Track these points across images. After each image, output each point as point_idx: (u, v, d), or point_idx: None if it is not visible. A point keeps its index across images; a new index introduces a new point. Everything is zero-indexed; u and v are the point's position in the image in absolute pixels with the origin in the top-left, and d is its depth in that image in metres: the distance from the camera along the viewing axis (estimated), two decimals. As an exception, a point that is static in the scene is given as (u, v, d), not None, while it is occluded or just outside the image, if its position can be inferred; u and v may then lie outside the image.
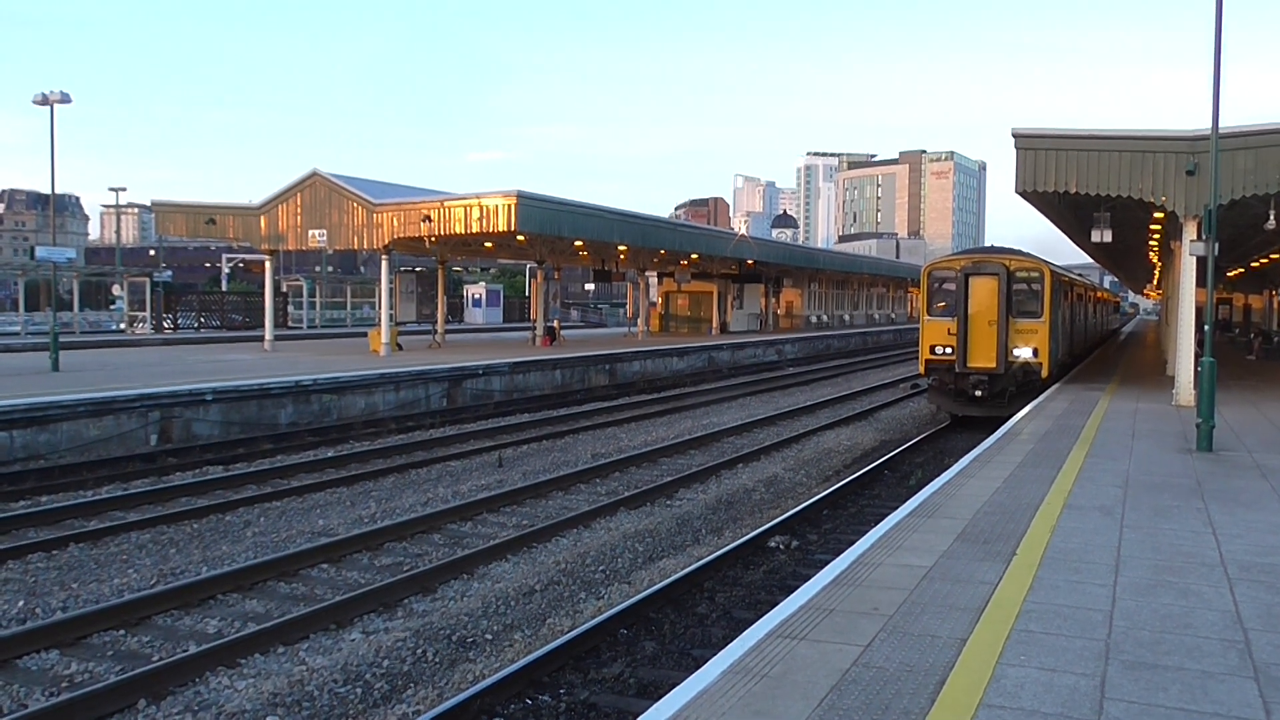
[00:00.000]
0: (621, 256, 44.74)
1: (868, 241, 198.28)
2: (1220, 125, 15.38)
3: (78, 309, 54.63)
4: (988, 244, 42.61)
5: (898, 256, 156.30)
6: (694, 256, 46.45)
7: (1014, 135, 20.01)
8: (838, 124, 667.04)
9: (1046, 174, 19.84)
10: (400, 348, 34.49)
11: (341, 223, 32.72)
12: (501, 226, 29.48)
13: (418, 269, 55.14)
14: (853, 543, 9.23)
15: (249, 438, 20.39)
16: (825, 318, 72.15)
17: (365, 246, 33.46)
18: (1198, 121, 17.65)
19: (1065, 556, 8.30)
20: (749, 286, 58.63)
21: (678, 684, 5.66)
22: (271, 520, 13.82)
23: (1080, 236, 32.73)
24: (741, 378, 37.85)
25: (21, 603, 10.10)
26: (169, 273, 63.43)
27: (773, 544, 12.63)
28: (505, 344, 40.83)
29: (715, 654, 6.16)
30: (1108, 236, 23.33)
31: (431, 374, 26.38)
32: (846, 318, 76.84)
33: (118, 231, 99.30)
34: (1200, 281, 19.18)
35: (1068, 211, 26.22)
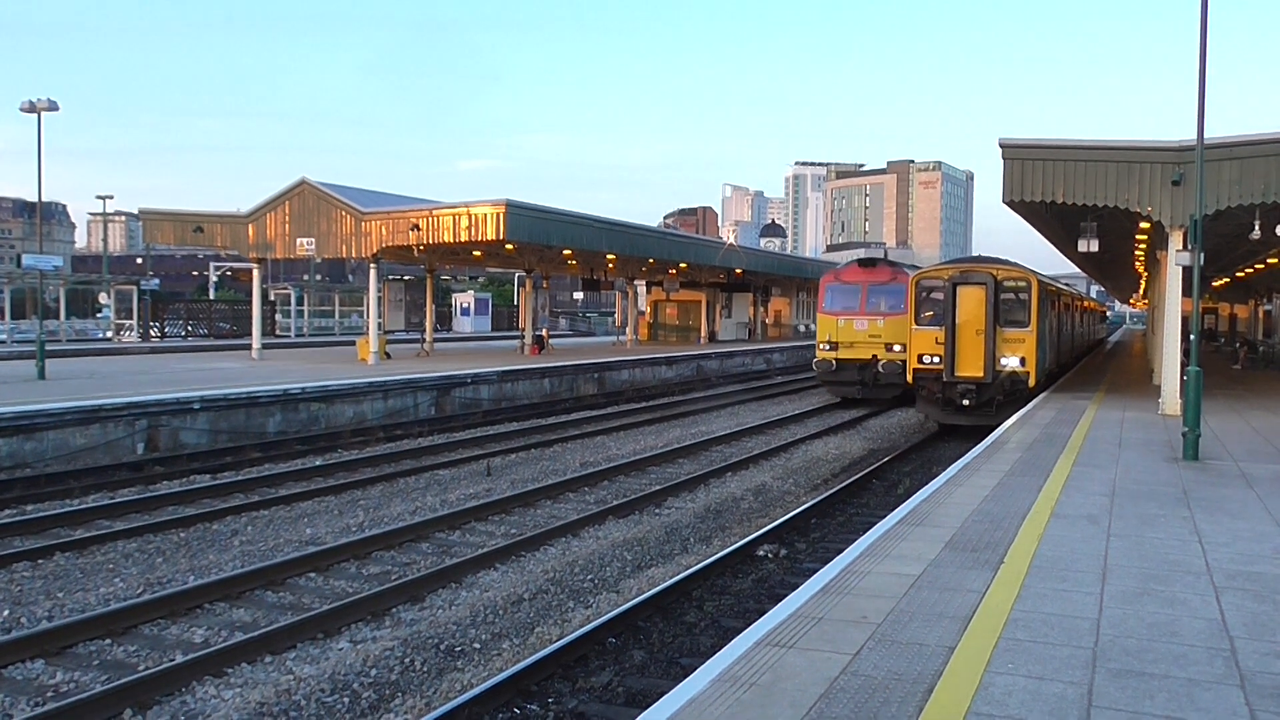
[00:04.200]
0: (610, 265, 44.75)
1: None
2: (1206, 136, 15.49)
3: (64, 317, 54.38)
4: (975, 253, 42.59)
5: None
6: (683, 265, 46.52)
7: (1001, 145, 20.11)
8: (826, 134, 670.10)
9: (1034, 184, 19.95)
10: (388, 356, 34.42)
11: (330, 231, 32.67)
12: (490, 235, 29.49)
13: (406, 277, 55.09)
14: (841, 551, 9.24)
15: (236, 446, 20.31)
16: (814, 326, 72.27)
17: (354, 255, 33.42)
18: (1185, 132, 17.74)
19: (1052, 565, 8.33)
20: (737, 295, 58.73)
21: (666, 693, 5.66)
22: (259, 529, 13.77)
23: (1067, 246, 32.90)
24: (730, 386, 37.88)
25: (7, 612, 10.04)
26: (156, 281, 63.16)
27: (761, 552, 12.63)
28: (494, 353, 40.78)
29: (704, 662, 6.16)
30: (1094, 246, 23.46)
31: (420, 383, 26.33)
32: (835, 327, 76.83)
33: (105, 239, 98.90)
34: (1186, 291, 19.30)
35: (1055, 221, 26.35)
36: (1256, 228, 20.92)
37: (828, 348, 29.11)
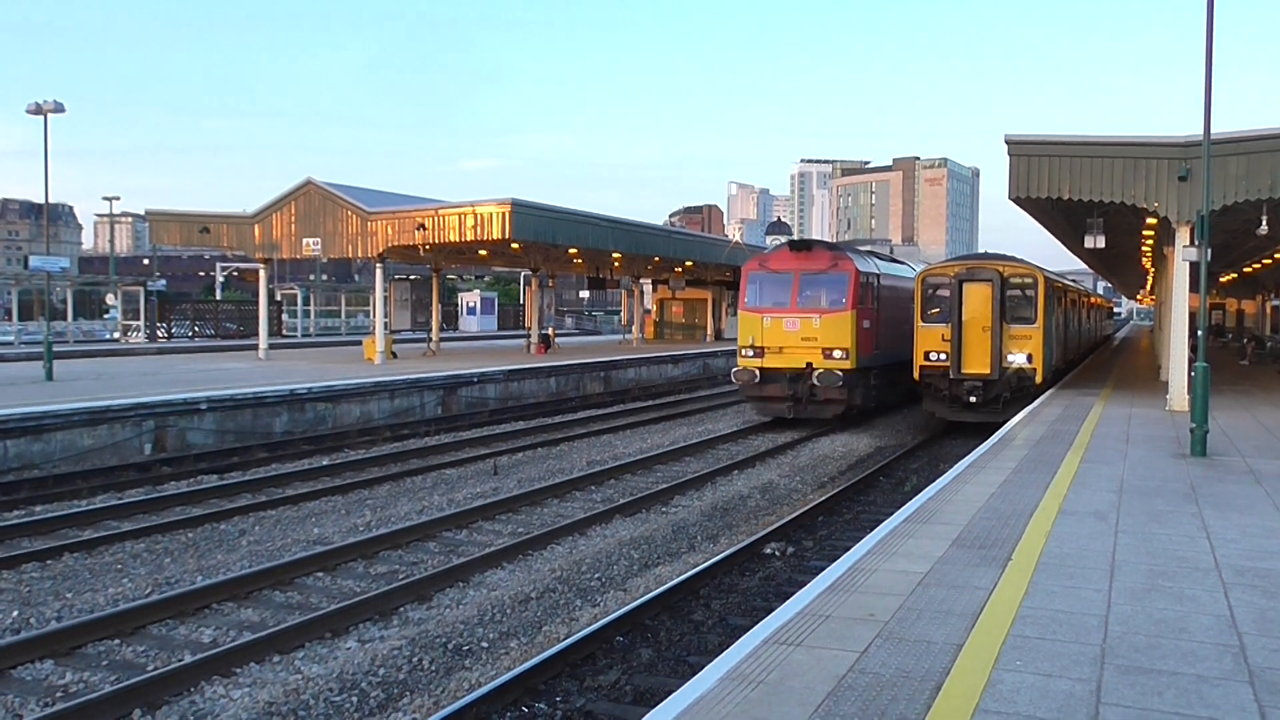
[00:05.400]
0: (616, 264, 44.73)
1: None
2: (1213, 131, 15.45)
3: (72, 318, 54.51)
4: (981, 250, 42.44)
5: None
6: (688, 264, 46.49)
7: (1007, 142, 20.08)
8: (831, 131, 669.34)
9: (1040, 180, 19.90)
10: (395, 356, 34.47)
11: (336, 231, 32.72)
12: (496, 234, 29.51)
13: (412, 277, 55.07)
14: (848, 549, 9.22)
15: (243, 446, 20.35)
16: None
17: (360, 255, 33.45)
18: (1191, 127, 17.76)
19: (1060, 562, 8.32)
20: (743, 293, 58.61)
21: (674, 691, 5.66)
22: (266, 529, 13.80)
23: (1074, 242, 32.86)
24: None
25: (16, 613, 10.07)
26: (163, 281, 63.35)
27: (768, 550, 12.63)
28: (500, 352, 40.82)
29: (711, 661, 6.16)
30: (1101, 242, 23.39)
31: (426, 382, 26.36)
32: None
33: (111, 240, 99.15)
34: (1193, 287, 19.24)
35: (1061, 217, 26.29)
36: (1264, 222, 20.84)
37: (750, 354, 23.58)
